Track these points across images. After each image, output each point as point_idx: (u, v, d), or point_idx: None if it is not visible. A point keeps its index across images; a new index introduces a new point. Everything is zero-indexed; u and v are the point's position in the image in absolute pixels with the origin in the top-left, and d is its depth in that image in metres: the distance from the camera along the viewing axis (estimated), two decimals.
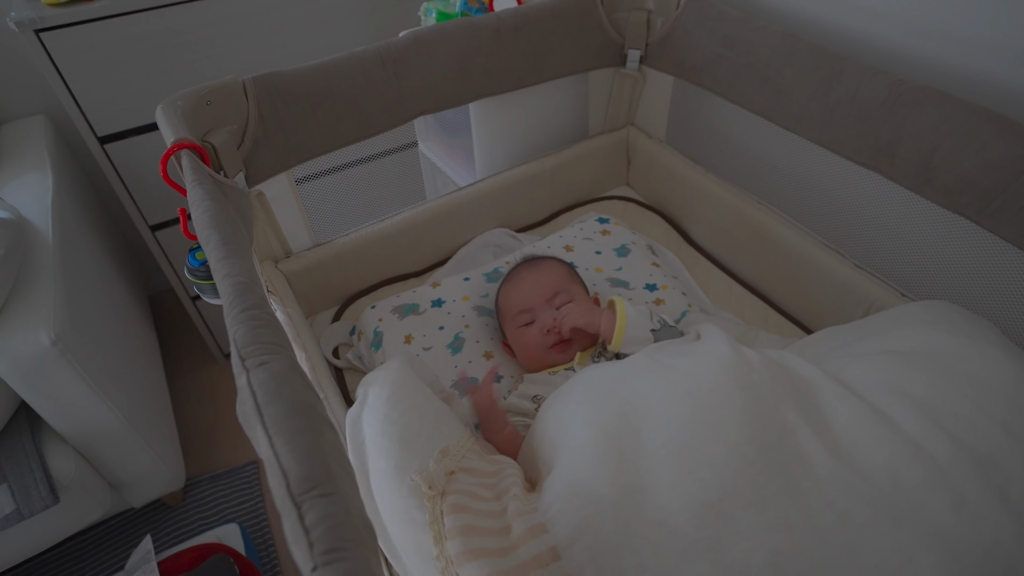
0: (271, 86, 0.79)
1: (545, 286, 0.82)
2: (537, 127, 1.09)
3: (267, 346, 0.45)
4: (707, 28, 0.93)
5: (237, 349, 0.45)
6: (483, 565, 0.49)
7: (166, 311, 1.92)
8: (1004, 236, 0.68)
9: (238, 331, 0.46)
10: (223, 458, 1.54)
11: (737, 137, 1.04)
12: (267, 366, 0.43)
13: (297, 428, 0.39)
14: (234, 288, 0.49)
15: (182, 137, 0.67)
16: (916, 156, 0.72)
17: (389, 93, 0.87)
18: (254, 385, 0.42)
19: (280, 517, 0.36)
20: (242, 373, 0.44)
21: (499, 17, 0.91)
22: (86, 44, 1.18)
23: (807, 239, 0.90)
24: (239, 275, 0.51)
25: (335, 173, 1.49)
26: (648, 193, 1.17)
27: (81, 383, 1.06)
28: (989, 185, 0.66)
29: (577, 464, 0.55)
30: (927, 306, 0.69)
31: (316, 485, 0.36)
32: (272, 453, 0.38)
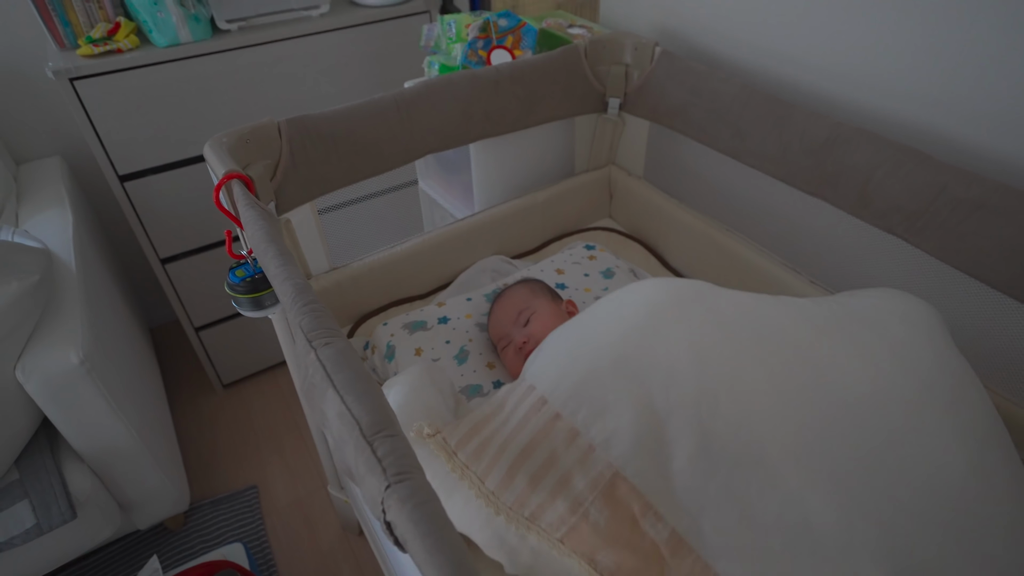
0: (301, 127, 0.91)
1: (509, 310, 0.95)
2: (530, 165, 1.23)
3: (329, 331, 0.55)
4: (677, 80, 1.08)
5: (304, 334, 0.55)
6: (482, 434, 0.64)
7: (167, 343, 1.99)
8: (927, 250, 0.81)
9: (303, 320, 0.56)
10: (223, 484, 1.59)
11: (706, 173, 1.19)
12: (332, 345, 0.53)
13: (363, 389, 0.49)
14: (295, 288, 0.60)
15: (232, 169, 0.78)
16: (854, 185, 0.86)
17: (402, 134, 1.00)
18: (323, 359, 0.52)
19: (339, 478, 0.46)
20: (310, 352, 0.54)
21: (497, 70, 1.05)
22: (113, 91, 1.29)
23: (768, 259, 1.03)
24: (297, 278, 0.61)
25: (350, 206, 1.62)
26: (629, 224, 1.31)
27: (103, 402, 1.13)
28: (913, 208, 0.80)
29: (548, 351, 0.77)
30: (885, 293, 0.81)
31: (382, 429, 0.46)
32: (344, 407, 0.48)
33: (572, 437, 0.67)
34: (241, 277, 0.84)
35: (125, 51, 1.29)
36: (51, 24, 1.29)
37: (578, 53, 1.12)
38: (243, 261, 0.85)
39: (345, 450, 0.49)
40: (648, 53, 1.12)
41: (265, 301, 0.85)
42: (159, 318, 2.05)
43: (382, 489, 0.43)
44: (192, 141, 1.43)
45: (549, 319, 0.92)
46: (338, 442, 0.50)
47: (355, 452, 0.46)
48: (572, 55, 1.12)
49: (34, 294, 1.08)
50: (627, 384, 0.67)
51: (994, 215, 0.73)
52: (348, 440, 0.47)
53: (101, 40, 1.28)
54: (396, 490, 0.43)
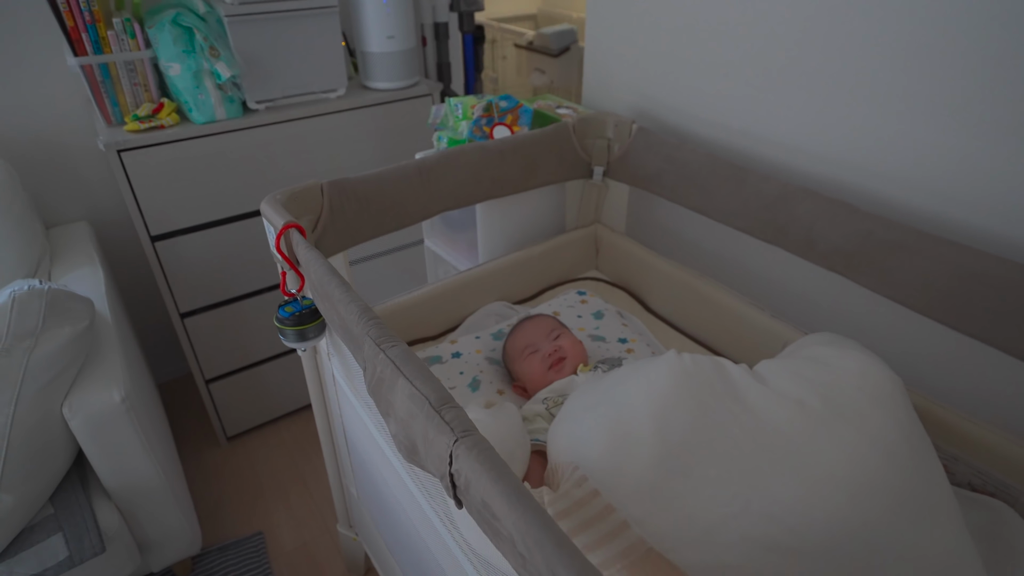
0: (340, 188, 1.08)
1: (543, 327, 1.10)
2: (528, 223, 1.41)
3: (392, 337, 0.69)
4: (652, 151, 1.28)
5: (372, 340, 0.69)
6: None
7: (172, 399, 2.06)
8: (863, 284, 0.99)
9: (370, 330, 0.70)
10: (230, 532, 1.64)
11: (680, 228, 1.38)
12: (397, 346, 0.67)
13: (428, 375, 0.63)
14: (359, 308, 0.74)
15: (289, 219, 0.93)
16: (801, 233, 1.05)
17: (423, 194, 1.17)
18: (392, 356, 0.66)
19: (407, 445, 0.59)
20: (379, 353, 0.68)
21: (501, 142, 1.25)
22: (154, 161, 1.46)
23: (736, 299, 1.20)
24: (359, 301, 0.76)
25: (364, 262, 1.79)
26: (614, 274, 1.48)
27: (137, 440, 1.23)
28: (849, 250, 0.99)
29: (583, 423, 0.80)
30: (820, 335, 0.98)
31: (447, 402, 0.60)
32: (415, 389, 0.62)
33: (608, 512, 0.69)
34: (289, 312, 0.98)
35: (167, 127, 1.46)
36: (101, 103, 1.46)
37: (568, 129, 1.33)
38: (292, 299, 0.99)
39: (414, 424, 0.62)
40: (627, 129, 1.33)
41: (309, 334, 0.98)
42: (163, 375, 2.13)
43: (450, 444, 0.57)
44: (220, 205, 1.58)
45: (575, 342, 1.08)
46: (407, 420, 0.63)
47: (425, 421, 0.60)
48: (563, 131, 1.33)
49: (83, 339, 1.19)
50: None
51: (910, 253, 0.92)
52: (418, 414, 0.61)
53: (146, 118, 1.46)
54: (463, 442, 0.56)
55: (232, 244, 1.64)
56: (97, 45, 1.39)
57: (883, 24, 0.97)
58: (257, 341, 1.79)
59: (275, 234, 0.93)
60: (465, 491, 0.57)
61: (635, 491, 0.70)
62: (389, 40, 1.66)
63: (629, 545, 0.66)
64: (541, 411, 0.96)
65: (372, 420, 0.94)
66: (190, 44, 1.42)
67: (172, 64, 1.42)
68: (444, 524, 0.79)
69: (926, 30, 0.93)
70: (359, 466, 1.17)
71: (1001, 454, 0.89)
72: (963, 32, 0.89)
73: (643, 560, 0.65)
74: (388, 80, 1.71)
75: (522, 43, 3.28)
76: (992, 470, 0.91)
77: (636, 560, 0.65)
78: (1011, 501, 0.90)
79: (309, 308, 0.97)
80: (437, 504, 0.80)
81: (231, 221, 1.62)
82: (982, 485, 0.92)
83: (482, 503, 0.55)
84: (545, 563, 0.48)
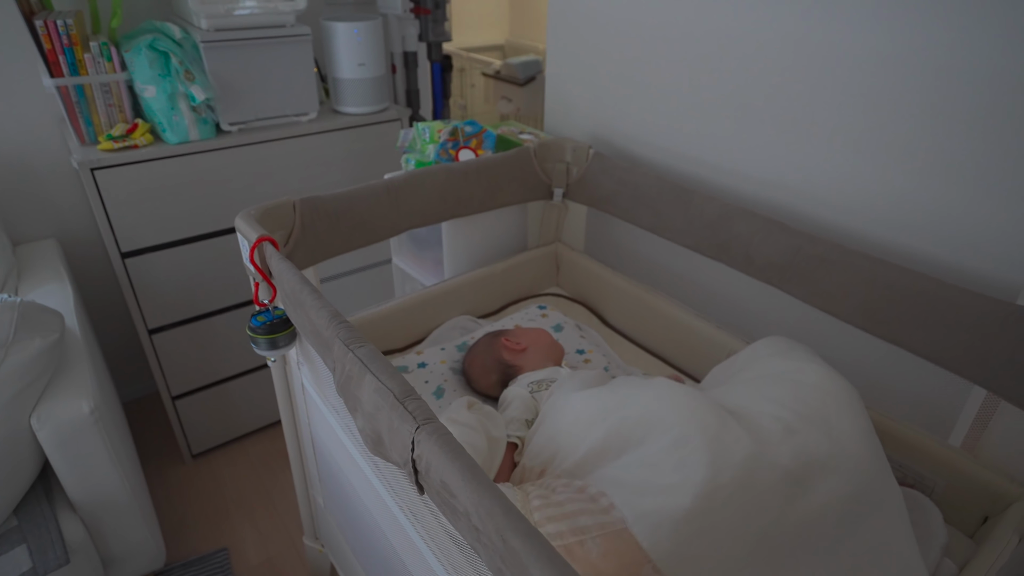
0: (311, 205, 1.14)
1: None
2: (490, 241, 1.49)
3: (360, 338, 0.75)
4: (607, 174, 1.38)
5: (342, 341, 0.75)
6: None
7: (136, 417, 2.06)
8: (796, 295, 1.09)
9: (340, 332, 0.76)
10: (194, 549, 1.65)
11: (633, 246, 1.47)
12: (365, 347, 0.73)
13: (393, 372, 0.69)
14: (330, 312, 0.80)
15: (263, 233, 0.99)
16: (740, 249, 1.14)
17: (391, 212, 1.24)
18: (359, 356, 0.72)
19: None
20: (348, 353, 0.73)
21: (466, 164, 1.33)
22: (127, 180, 1.50)
23: (684, 311, 1.29)
24: (330, 307, 0.81)
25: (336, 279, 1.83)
26: (574, 291, 1.56)
27: (105, 451, 1.25)
28: (782, 264, 1.09)
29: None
30: (768, 341, 1.06)
31: (410, 395, 0.66)
32: (380, 383, 0.68)
33: (597, 497, 0.75)
34: (261, 322, 1.03)
35: (141, 147, 1.51)
36: (76, 123, 1.50)
37: (529, 153, 1.42)
38: (264, 309, 1.04)
39: (379, 416, 0.68)
40: (584, 154, 1.42)
41: (280, 342, 1.03)
42: (128, 394, 2.12)
43: (412, 431, 0.63)
44: (191, 223, 1.62)
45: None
46: (373, 413, 0.69)
47: (390, 412, 0.66)
48: (524, 155, 1.41)
49: (53, 351, 1.21)
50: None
51: (833, 266, 1.02)
52: (383, 405, 0.67)
53: (120, 137, 1.50)
54: (424, 429, 0.62)
55: (202, 261, 1.67)
56: (73, 67, 1.43)
57: (809, 64, 1.09)
58: (225, 358, 1.82)
59: (249, 247, 0.98)
60: (426, 475, 0.63)
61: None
62: (360, 67, 1.74)
63: (608, 520, 0.72)
64: (522, 394, 1.02)
65: (340, 424, 0.99)
66: (166, 68, 1.47)
67: (147, 86, 1.47)
68: (408, 519, 0.84)
69: (847, 73, 1.04)
70: (326, 473, 1.21)
71: (917, 447, 0.98)
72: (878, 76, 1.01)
73: (617, 536, 0.70)
74: (358, 105, 1.79)
75: (490, 72, 3.39)
76: (911, 463, 1.00)
77: (610, 533, 0.71)
78: (927, 491, 0.99)
79: (280, 318, 1.02)
80: (401, 499, 0.85)
81: (202, 239, 1.66)
82: (903, 478, 1.02)
83: (441, 483, 0.61)
84: (496, 530, 0.54)
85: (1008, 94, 0.88)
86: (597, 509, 0.73)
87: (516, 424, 0.97)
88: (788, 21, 1.09)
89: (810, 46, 1.07)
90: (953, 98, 0.93)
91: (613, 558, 0.69)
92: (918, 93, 0.96)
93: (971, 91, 0.91)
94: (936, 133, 0.96)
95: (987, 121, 0.91)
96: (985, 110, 0.91)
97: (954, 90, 0.93)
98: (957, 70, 0.92)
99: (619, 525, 0.71)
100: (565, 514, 0.73)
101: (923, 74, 0.95)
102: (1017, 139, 0.89)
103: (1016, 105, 0.88)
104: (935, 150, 0.97)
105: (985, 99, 0.90)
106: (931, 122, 0.96)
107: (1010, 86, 0.87)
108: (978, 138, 0.92)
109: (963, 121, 0.93)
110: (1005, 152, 0.90)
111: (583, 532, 0.71)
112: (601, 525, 0.71)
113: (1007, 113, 0.89)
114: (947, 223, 0.99)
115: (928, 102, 0.96)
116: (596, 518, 0.72)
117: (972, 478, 0.93)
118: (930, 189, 0.99)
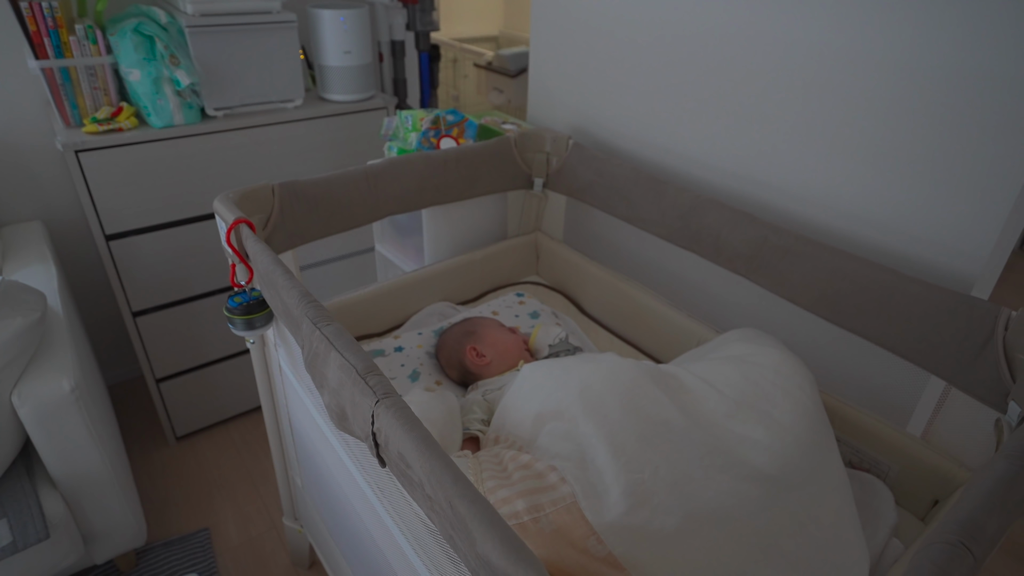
0: (290, 189, 1.16)
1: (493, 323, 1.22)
2: (471, 229, 1.51)
3: (327, 317, 0.78)
4: (585, 165, 1.40)
5: (310, 320, 0.77)
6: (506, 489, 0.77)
7: (121, 400, 2.08)
8: (763, 285, 1.12)
9: (309, 311, 0.79)
10: (176, 529, 1.67)
11: (610, 236, 1.50)
12: (331, 326, 0.76)
13: (357, 349, 0.72)
14: (300, 292, 0.82)
15: (240, 216, 1.01)
16: (710, 239, 1.17)
17: (369, 198, 1.26)
18: (326, 333, 0.75)
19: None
20: (315, 331, 0.76)
21: (446, 153, 1.35)
22: (112, 163, 1.51)
23: (658, 300, 1.32)
24: (301, 287, 0.84)
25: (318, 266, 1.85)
26: (553, 279, 1.59)
27: (85, 429, 1.27)
28: (748, 254, 1.12)
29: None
30: (740, 331, 1.10)
31: (371, 371, 0.69)
32: (344, 360, 0.70)
33: (550, 470, 0.79)
34: (238, 303, 1.05)
35: (126, 130, 1.52)
36: (60, 105, 1.52)
37: (509, 143, 1.44)
38: (241, 290, 1.06)
39: (343, 392, 0.71)
40: (563, 144, 1.45)
41: (256, 323, 1.06)
42: (113, 377, 2.14)
43: (372, 405, 0.65)
44: (175, 206, 1.64)
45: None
46: (337, 389, 0.72)
47: (352, 387, 0.68)
48: (505, 144, 1.44)
49: (34, 329, 1.23)
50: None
51: (797, 257, 1.05)
52: (346, 380, 0.69)
53: (105, 120, 1.51)
54: (383, 403, 0.65)
55: (186, 245, 1.69)
56: (59, 49, 1.45)
57: (780, 61, 1.11)
58: (209, 341, 1.84)
59: (226, 228, 1.01)
60: (386, 448, 0.66)
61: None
62: (346, 55, 1.75)
63: (560, 496, 0.75)
64: (478, 399, 1.05)
65: (313, 403, 1.02)
66: (151, 52, 1.48)
67: (132, 70, 1.49)
68: (376, 495, 0.87)
69: (814, 68, 1.07)
70: (303, 454, 1.24)
71: (873, 433, 1.01)
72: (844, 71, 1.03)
73: (568, 510, 0.74)
74: (344, 93, 1.80)
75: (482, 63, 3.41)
76: (867, 448, 1.03)
77: (562, 509, 0.74)
78: (882, 475, 1.02)
79: (257, 299, 1.04)
80: (369, 475, 0.88)
81: (186, 223, 1.67)
82: (859, 462, 1.05)
83: (398, 455, 0.64)
84: (445, 498, 0.57)
85: (966, 92, 0.91)
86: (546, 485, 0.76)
87: (476, 423, 1.00)
88: (761, 18, 1.12)
89: (781, 42, 1.10)
90: (914, 95, 0.96)
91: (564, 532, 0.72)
92: (881, 90, 0.99)
93: (931, 88, 0.94)
94: (899, 129, 0.99)
95: (945, 118, 0.94)
96: (944, 107, 0.94)
97: (914, 87, 0.96)
98: (919, 67, 0.95)
99: (569, 500, 0.74)
100: (520, 492, 0.76)
101: (886, 70, 0.98)
102: (972, 137, 0.92)
103: (972, 103, 0.91)
104: (897, 146, 1.00)
105: (943, 97, 0.93)
106: (894, 118, 0.99)
107: (969, 83, 0.90)
108: (936, 135, 0.95)
109: (925, 118, 0.96)
110: (963, 149, 0.93)
111: (538, 510, 0.74)
112: (553, 501, 0.74)
113: (965, 110, 0.92)
114: (906, 216, 1.02)
115: (892, 99, 0.99)
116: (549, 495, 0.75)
117: (924, 463, 0.96)
118: (891, 183, 1.02)
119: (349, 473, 0.96)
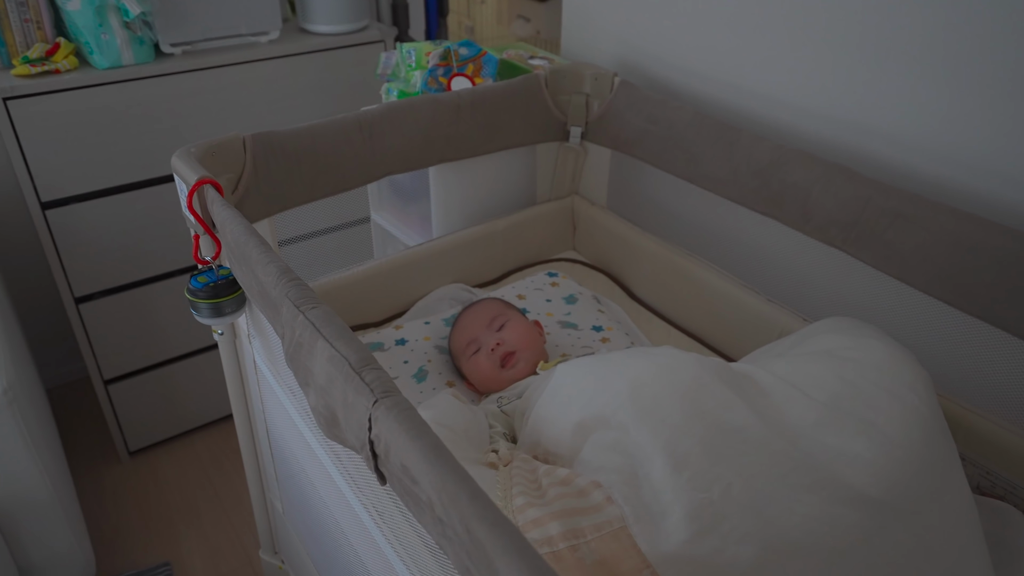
0: (265, 143, 1.17)
1: (481, 316, 1.20)
2: (490, 192, 1.51)
3: (313, 299, 0.78)
4: (635, 109, 1.39)
5: (291, 302, 0.78)
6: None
7: (63, 406, 2.13)
8: (863, 259, 1.10)
9: (290, 291, 0.79)
10: (130, 563, 1.72)
11: (666, 199, 1.49)
12: (318, 308, 0.77)
13: (350, 336, 0.72)
14: (278, 268, 0.83)
15: (204, 175, 1.02)
16: (796, 202, 1.15)
17: (363, 154, 1.26)
18: (311, 318, 0.75)
19: None
20: (298, 315, 0.77)
21: (458, 95, 1.34)
22: (48, 113, 1.54)
23: (727, 280, 1.31)
24: (279, 261, 0.85)
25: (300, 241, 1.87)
26: (594, 255, 1.58)
27: (21, 440, 1.31)
28: (846, 220, 1.10)
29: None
30: (832, 320, 1.08)
31: (368, 364, 0.69)
32: (335, 351, 0.71)
33: (594, 487, 0.80)
34: (203, 283, 1.06)
35: (64, 72, 1.55)
36: None
37: (539, 82, 1.43)
38: (207, 268, 1.08)
39: (333, 389, 0.71)
40: (608, 83, 1.43)
41: (225, 308, 1.07)
42: (53, 378, 2.20)
43: (369, 406, 0.66)
44: (126, 167, 1.67)
45: (525, 330, 1.16)
46: (326, 386, 0.72)
47: (344, 384, 0.69)
48: (532, 83, 1.43)
49: None
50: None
51: (909, 223, 1.03)
52: (337, 376, 0.70)
53: (39, 60, 1.54)
54: (383, 403, 0.65)
55: (140, 214, 1.72)
56: None
57: None
58: (169, 333, 1.87)
59: (187, 191, 1.02)
60: (385, 459, 0.66)
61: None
62: None
63: (606, 519, 0.75)
64: (494, 410, 1.06)
65: (297, 408, 1.03)
66: None
67: None
68: (373, 519, 0.88)
69: None
70: (284, 473, 1.26)
71: (1008, 449, 0.99)
72: None
73: (615, 536, 0.74)
74: (331, 23, 1.81)
75: None
76: (999, 469, 1.01)
77: (608, 535, 0.74)
78: (1019, 504, 1.00)
79: (226, 279, 1.06)
80: (365, 495, 0.89)
81: (139, 186, 1.70)
82: (990, 488, 1.03)
83: (401, 468, 0.64)
84: (460, 519, 0.57)
85: None
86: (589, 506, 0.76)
87: (498, 437, 1.00)
88: None
89: None
90: None
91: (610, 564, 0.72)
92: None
93: None
94: None
95: None
96: None
97: None
98: None
99: (617, 524, 0.74)
100: (555, 513, 0.76)
101: None
102: None
103: None
104: None
105: None
106: None
107: None
108: None
109: None
110: None
111: (577, 535, 0.74)
112: (596, 526, 0.74)
113: None
114: None
115: None
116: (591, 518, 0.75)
117: None
118: None
119: (341, 494, 0.97)
